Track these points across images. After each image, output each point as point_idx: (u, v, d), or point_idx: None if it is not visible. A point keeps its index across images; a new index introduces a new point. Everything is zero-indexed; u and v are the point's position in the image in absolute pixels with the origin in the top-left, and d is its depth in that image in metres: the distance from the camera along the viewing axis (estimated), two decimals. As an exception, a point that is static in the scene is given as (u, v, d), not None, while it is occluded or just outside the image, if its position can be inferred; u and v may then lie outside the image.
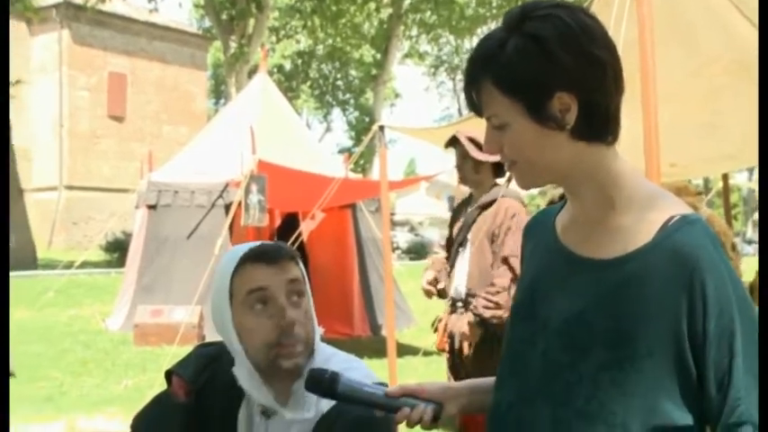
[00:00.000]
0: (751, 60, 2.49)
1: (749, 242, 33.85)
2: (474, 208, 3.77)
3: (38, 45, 27.62)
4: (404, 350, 7.52)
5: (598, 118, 1.18)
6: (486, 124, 1.24)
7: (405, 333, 9.73)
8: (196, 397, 1.63)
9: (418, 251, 30.60)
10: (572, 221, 1.27)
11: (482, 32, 31.31)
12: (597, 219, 1.21)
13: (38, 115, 27.28)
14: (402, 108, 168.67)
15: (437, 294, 3.95)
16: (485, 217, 3.65)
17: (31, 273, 16.51)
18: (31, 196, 24.52)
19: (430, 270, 3.96)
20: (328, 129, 48.76)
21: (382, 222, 6.51)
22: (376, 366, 3.24)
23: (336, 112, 48.74)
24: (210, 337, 7.97)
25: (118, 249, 19.64)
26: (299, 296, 1.56)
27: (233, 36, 26.07)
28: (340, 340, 8.54)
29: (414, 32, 35.01)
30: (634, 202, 1.19)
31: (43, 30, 26.89)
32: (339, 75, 43.19)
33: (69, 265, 11.63)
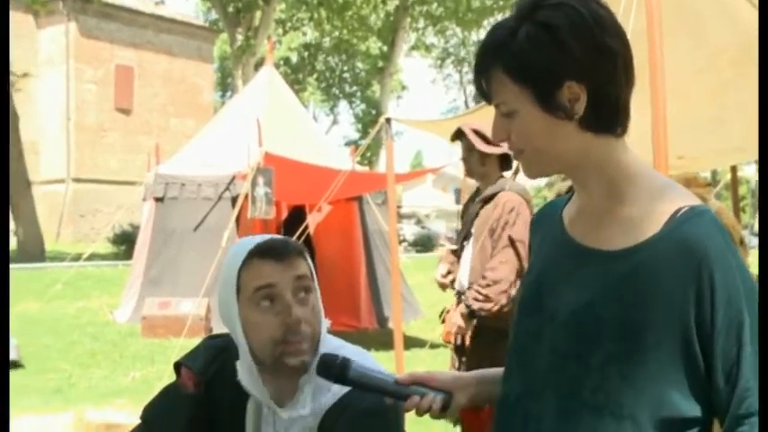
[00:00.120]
0: (760, 51, 2.46)
1: (757, 234, 33.73)
2: (477, 201, 3.76)
3: (45, 38, 27.66)
4: (411, 342, 7.54)
5: (607, 109, 1.18)
6: (493, 115, 1.24)
7: (412, 325, 9.74)
8: (205, 388, 1.64)
9: (425, 244, 30.62)
10: (579, 213, 1.27)
11: (489, 24, 31.22)
12: (605, 210, 1.21)
13: (45, 108, 27.36)
14: (409, 100, 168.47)
15: (451, 287, 3.95)
16: (487, 211, 3.64)
17: (40, 265, 16.57)
18: (39, 189, 24.59)
19: (443, 263, 3.96)
20: (335, 121, 48.71)
21: (389, 215, 6.51)
22: (383, 358, 3.24)
23: (343, 105, 48.80)
24: (218, 330, 7.99)
25: (125, 242, 19.69)
26: (307, 292, 1.55)
27: (239, 28, 26.09)
28: (347, 332, 8.55)
29: (420, 24, 34.96)
30: (643, 194, 1.19)
31: (50, 22, 26.93)
32: (346, 67, 43.14)
33: (77, 258, 11.67)
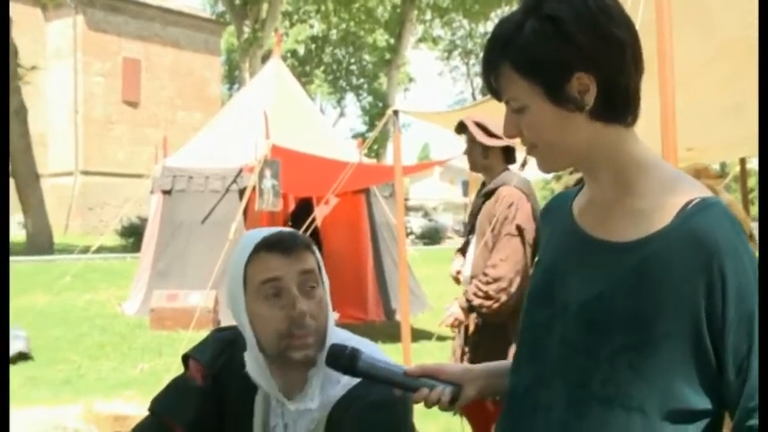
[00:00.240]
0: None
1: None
2: (480, 196, 3.75)
3: (53, 31, 27.73)
4: (418, 335, 7.54)
5: (617, 98, 1.17)
6: (500, 109, 1.24)
7: (419, 318, 9.74)
8: (213, 381, 1.64)
9: (432, 236, 30.65)
10: (590, 204, 1.26)
11: (496, 16, 31.14)
12: (615, 201, 1.21)
13: (53, 101, 27.46)
14: (416, 93, 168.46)
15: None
16: (488, 206, 3.63)
17: (49, 257, 16.65)
18: (48, 181, 24.70)
19: (457, 258, 3.96)
20: (342, 114, 48.81)
21: (396, 207, 6.51)
22: (390, 351, 3.24)
23: (350, 97, 48.81)
24: (226, 322, 8.02)
25: (133, 234, 19.76)
26: (314, 286, 1.55)
27: (246, 21, 26.07)
28: (354, 325, 8.57)
29: (427, 16, 34.88)
30: (653, 186, 1.18)
31: (58, 15, 27.00)
32: (353, 59, 43.08)
33: (85, 250, 11.69)
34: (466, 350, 3.59)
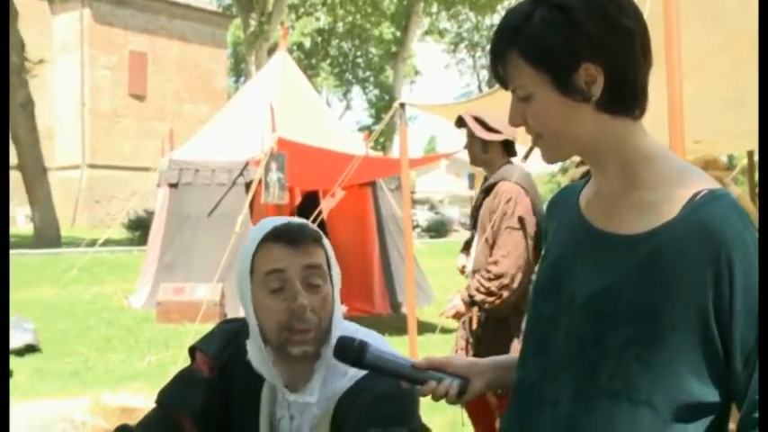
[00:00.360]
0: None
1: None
2: (481, 191, 3.74)
3: (59, 24, 27.74)
4: (424, 327, 7.54)
5: (625, 90, 1.17)
6: (506, 101, 1.23)
7: (425, 310, 9.75)
8: (220, 373, 1.65)
9: (438, 229, 30.60)
10: (596, 197, 1.26)
11: (502, 8, 31.03)
12: (623, 194, 1.20)
13: (60, 94, 27.49)
14: (422, 85, 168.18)
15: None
16: (488, 201, 3.62)
17: (56, 251, 16.70)
18: (55, 175, 24.76)
19: (463, 253, 3.95)
20: (348, 107, 48.76)
21: (402, 200, 6.50)
22: (396, 343, 3.24)
23: (356, 90, 48.67)
24: (232, 314, 8.04)
25: (140, 227, 19.81)
26: (319, 283, 1.54)
27: (253, 14, 26.05)
28: (360, 317, 8.58)
29: (434, 9, 34.78)
30: (661, 178, 1.18)
31: (65, 9, 27.00)
32: (359, 52, 43.01)
33: (92, 243, 11.73)
34: (470, 340, 3.60)
